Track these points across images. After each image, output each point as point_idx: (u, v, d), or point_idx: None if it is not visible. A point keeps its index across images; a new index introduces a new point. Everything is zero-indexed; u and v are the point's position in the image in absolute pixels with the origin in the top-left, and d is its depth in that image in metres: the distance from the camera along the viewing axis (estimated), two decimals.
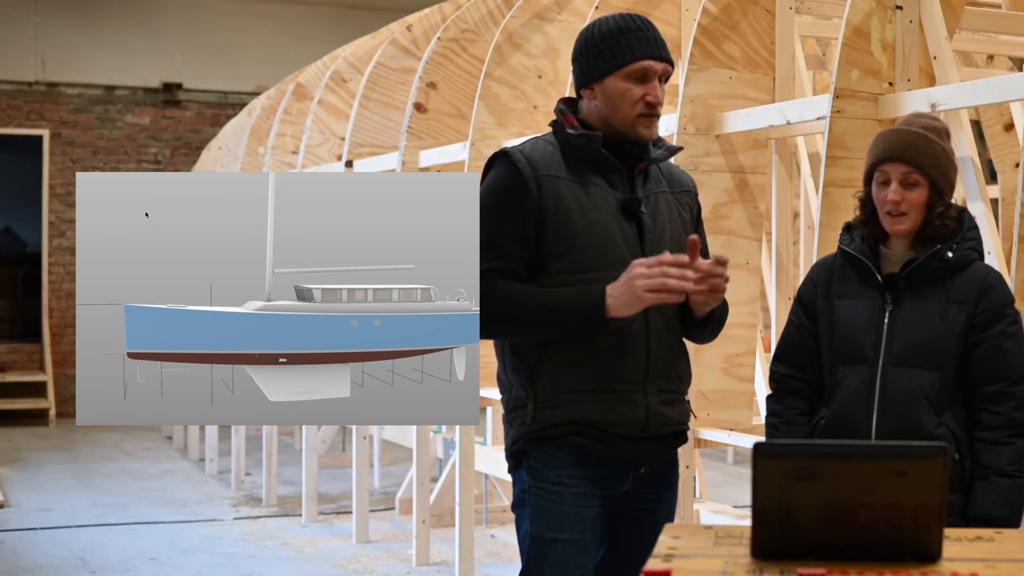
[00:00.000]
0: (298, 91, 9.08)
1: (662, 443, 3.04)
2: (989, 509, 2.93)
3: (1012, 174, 6.96)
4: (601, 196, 2.97)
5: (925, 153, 3.01)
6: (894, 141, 3.04)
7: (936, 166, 3.02)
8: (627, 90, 2.95)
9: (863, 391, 3.02)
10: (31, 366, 13.98)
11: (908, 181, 3.01)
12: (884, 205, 3.03)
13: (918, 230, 3.04)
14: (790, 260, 5.05)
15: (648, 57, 2.95)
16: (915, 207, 3.01)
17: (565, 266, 2.94)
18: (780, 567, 2.09)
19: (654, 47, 2.97)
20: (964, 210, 3.11)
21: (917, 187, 3.01)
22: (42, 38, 13.98)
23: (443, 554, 6.64)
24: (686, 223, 3.10)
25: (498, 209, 2.97)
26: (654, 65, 2.96)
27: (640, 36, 2.97)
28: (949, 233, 3.03)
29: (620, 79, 2.96)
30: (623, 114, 2.97)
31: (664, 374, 3.00)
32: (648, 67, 2.96)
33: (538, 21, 5.91)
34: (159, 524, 7.71)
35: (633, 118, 2.96)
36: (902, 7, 4.19)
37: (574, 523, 2.99)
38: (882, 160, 3.04)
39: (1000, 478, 2.94)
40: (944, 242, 3.02)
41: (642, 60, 2.95)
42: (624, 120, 2.97)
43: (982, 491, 2.95)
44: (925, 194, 3.01)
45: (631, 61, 2.95)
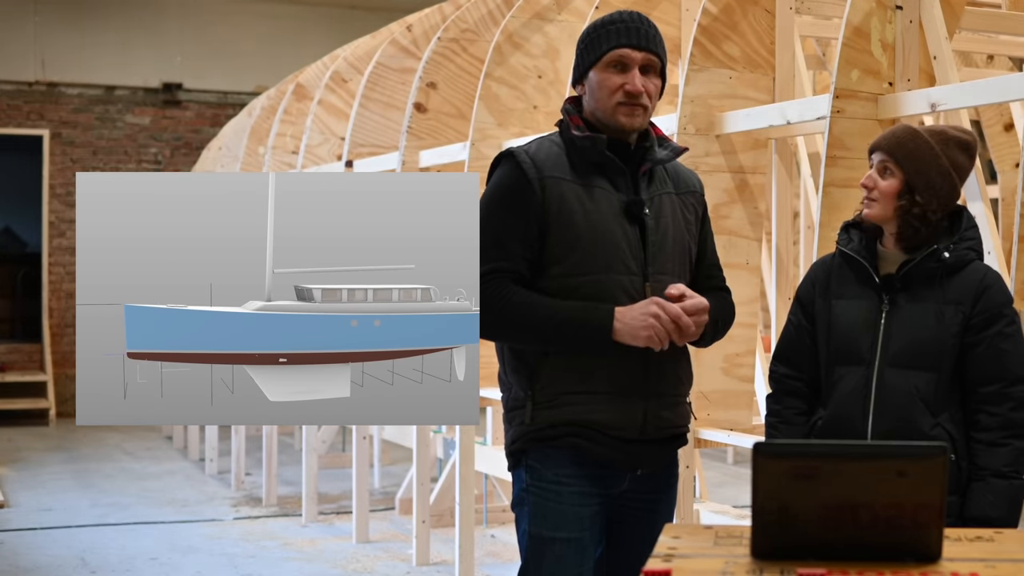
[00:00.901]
0: (298, 91, 9.08)
1: (660, 445, 3.05)
2: (986, 510, 2.92)
3: (1012, 174, 6.96)
4: (604, 198, 2.97)
5: (906, 147, 3.02)
6: (886, 133, 3.11)
7: (913, 159, 3.01)
8: (606, 79, 2.97)
9: (859, 392, 3.02)
10: (31, 366, 13.98)
11: (883, 168, 3.04)
12: None
13: (898, 231, 3.04)
14: (790, 260, 5.04)
15: (624, 46, 2.96)
16: (884, 195, 3.02)
17: (567, 268, 2.95)
18: (780, 567, 2.09)
19: (633, 37, 2.97)
20: (964, 209, 3.11)
21: (889, 176, 3.03)
22: (42, 38, 13.98)
23: (443, 554, 6.64)
24: (691, 224, 3.11)
25: (503, 209, 2.98)
26: (631, 53, 2.96)
27: (620, 27, 2.98)
28: (929, 238, 3.02)
29: (600, 70, 2.98)
30: (603, 104, 2.98)
31: (664, 377, 3.00)
32: (623, 55, 2.96)
33: (538, 21, 5.90)
34: (159, 524, 7.71)
35: (612, 107, 2.97)
36: (902, 7, 4.19)
37: (572, 522, 2.99)
38: (871, 151, 3.10)
39: (997, 479, 2.94)
40: (923, 244, 3.02)
41: (617, 48, 2.96)
42: (605, 110, 2.98)
43: (979, 492, 2.95)
44: (896, 185, 3.02)
45: (607, 50, 2.97)
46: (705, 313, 2.95)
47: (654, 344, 2.90)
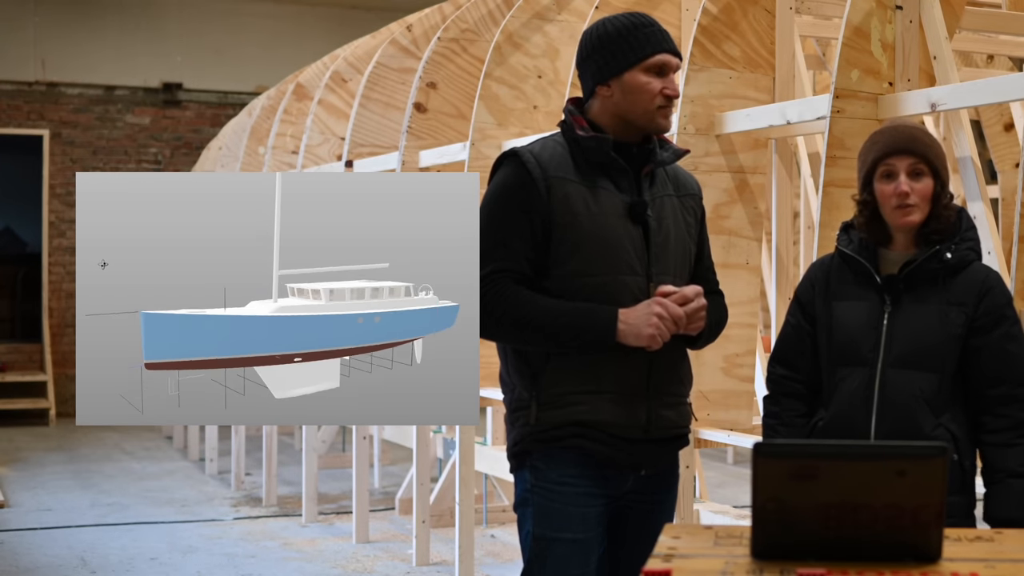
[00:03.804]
0: (298, 91, 9.08)
1: (663, 446, 3.05)
2: (1011, 512, 2.93)
3: (1012, 174, 6.97)
4: (608, 199, 2.98)
5: (928, 145, 3.03)
6: (896, 135, 3.04)
7: (938, 157, 3.03)
8: (647, 83, 3.01)
9: (862, 393, 3.02)
10: (31, 366, 13.99)
11: (915, 171, 3.01)
12: (891, 199, 3.01)
13: (932, 229, 3.03)
14: (790, 260, 5.05)
15: (666, 52, 3.03)
16: (923, 198, 3.00)
17: (571, 269, 2.95)
18: (780, 567, 2.09)
19: (669, 42, 3.05)
20: (962, 210, 3.11)
21: (924, 177, 3.01)
22: (42, 38, 13.98)
23: (443, 554, 6.63)
24: (690, 227, 3.12)
25: (507, 208, 2.99)
26: (671, 59, 3.03)
27: (655, 31, 3.04)
28: (951, 228, 3.03)
29: (640, 72, 3.01)
30: (643, 107, 3.01)
31: (667, 377, 3.02)
32: (666, 61, 3.02)
33: (538, 21, 5.90)
34: (159, 524, 7.71)
35: (653, 110, 3.01)
36: (902, 7, 4.19)
37: (577, 523, 2.99)
38: (887, 154, 3.02)
39: (1014, 479, 2.94)
40: (945, 238, 3.02)
41: (660, 54, 3.02)
42: (644, 113, 3.01)
43: (1001, 495, 2.95)
44: (931, 185, 3.01)
45: (651, 54, 3.01)
46: (703, 313, 2.97)
47: (656, 344, 2.91)
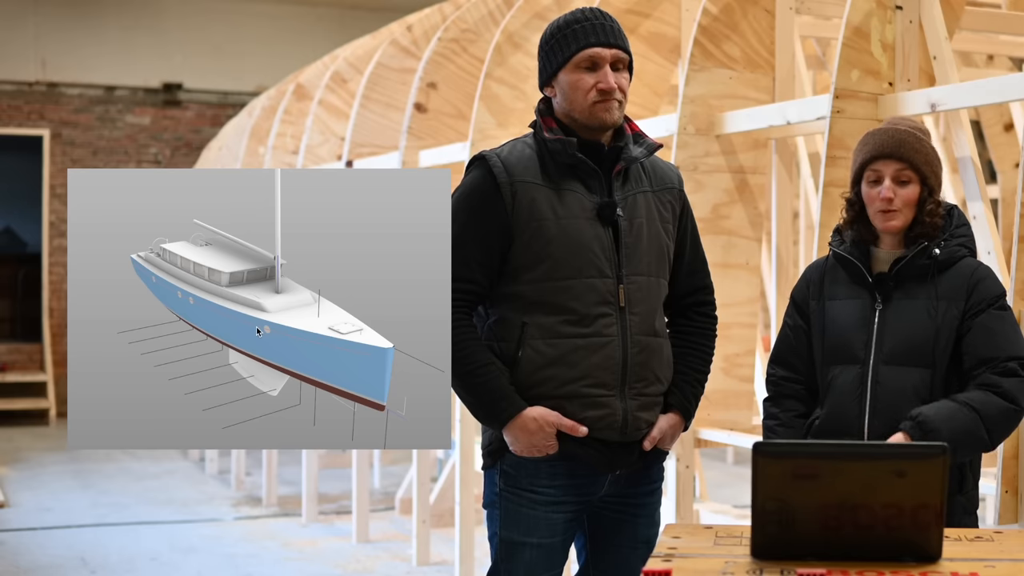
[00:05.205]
0: (298, 91, 9.08)
1: (640, 446, 3.04)
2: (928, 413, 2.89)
3: (1012, 174, 6.97)
4: (577, 202, 2.96)
5: (916, 150, 3.02)
6: (885, 139, 3.05)
7: (927, 163, 3.03)
8: (578, 80, 2.96)
9: (855, 390, 3.02)
10: (31, 366, 13.99)
11: (900, 178, 3.02)
12: (875, 203, 3.03)
13: (917, 232, 3.04)
14: (790, 260, 5.05)
15: (593, 45, 2.96)
16: (907, 204, 3.02)
17: (539, 274, 2.94)
18: (780, 567, 2.09)
19: (600, 34, 2.97)
20: (954, 207, 3.12)
21: (909, 184, 3.02)
22: (42, 38, 13.99)
23: (443, 554, 6.64)
24: (667, 222, 3.07)
25: (468, 214, 2.98)
26: (601, 52, 2.96)
27: (586, 26, 2.98)
28: (937, 230, 3.04)
29: (570, 71, 2.97)
30: (579, 104, 2.97)
31: (642, 377, 2.99)
32: (594, 54, 2.96)
33: (538, 21, 5.90)
34: (159, 524, 7.71)
35: (589, 106, 2.96)
36: (902, 7, 4.19)
37: (544, 528, 3.00)
38: (874, 158, 3.04)
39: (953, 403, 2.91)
40: (932, 239, 3.03)
41: (587, 48, 2.96)
42: (583, 110, 2.97)
43: None
44: (917, 191, 3.02)
45: (576, 51, 2.96)
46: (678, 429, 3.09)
47: None
